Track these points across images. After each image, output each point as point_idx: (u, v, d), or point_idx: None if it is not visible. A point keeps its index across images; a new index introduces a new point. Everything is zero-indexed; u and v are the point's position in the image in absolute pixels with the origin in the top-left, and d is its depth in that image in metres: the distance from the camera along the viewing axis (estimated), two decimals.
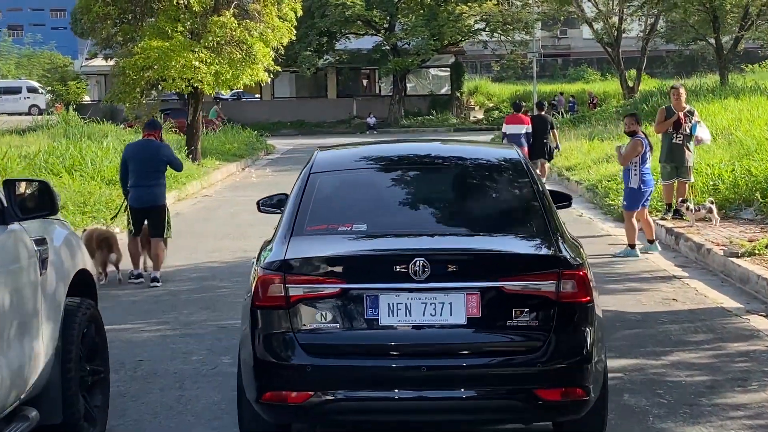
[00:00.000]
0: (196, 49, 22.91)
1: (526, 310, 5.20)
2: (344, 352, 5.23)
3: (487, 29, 51.57)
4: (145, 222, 11.92)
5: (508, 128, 20.96)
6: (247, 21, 24.22)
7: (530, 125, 20.50)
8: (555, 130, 21.70)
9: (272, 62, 25.23)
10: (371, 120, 50.65)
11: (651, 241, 12.59)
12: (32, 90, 65.52)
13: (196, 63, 22.83)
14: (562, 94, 53.07)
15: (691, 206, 13.35)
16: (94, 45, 25.49)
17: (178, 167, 12.41)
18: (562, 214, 6.36)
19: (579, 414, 5.35)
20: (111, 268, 11.77)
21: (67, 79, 55.01)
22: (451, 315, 5.18)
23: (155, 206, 11.78)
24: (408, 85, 55.14)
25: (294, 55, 50.11)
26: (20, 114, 52.14)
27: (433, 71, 57.17)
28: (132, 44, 23.83)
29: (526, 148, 20.19)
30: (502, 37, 51.71)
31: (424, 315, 5.19)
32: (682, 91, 14.71)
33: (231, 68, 23.96)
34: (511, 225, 5.79)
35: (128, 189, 11.87)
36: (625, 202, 12.45)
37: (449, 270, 5.21)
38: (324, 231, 5.61)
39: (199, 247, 13.95)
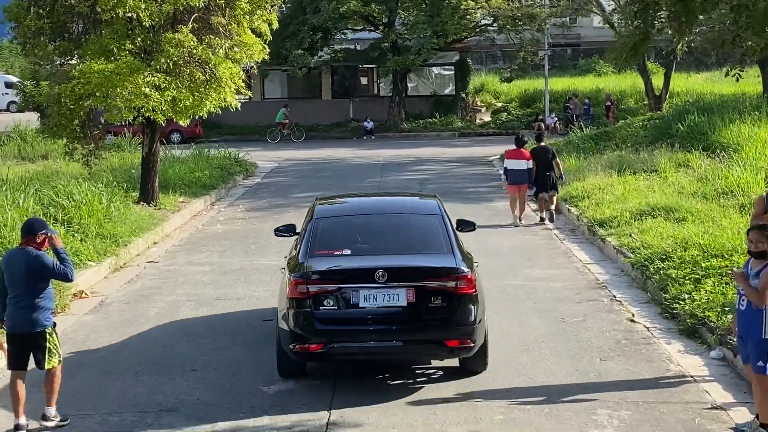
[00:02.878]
0: (147, 73, 18.75)
1: (439, 297, 9.37)
2: (340, 322, 9.37)
3: (495, 25, 47.40)
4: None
5: (509, 163, 20.07)
6: (211, 37, 20.07)
7: (531, 160, 19.78)
8: (558, 159, 20.55)
9: (243, 84, 21.09)
10: (368, 124, 46.67)
11: None
12: (10, 85, 61.41)
13: (147, 90, 18.68)
14: (576, 96, 48.82)
15: None
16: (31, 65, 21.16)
17: (65, 278, 9.13)
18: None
19: (469, 354, 9.60)
20: None
21: (40, 79, 50.76)
22: (398, 301, 9.31)
23: (31, 333, 8.97)
24: (409, 85, 51.05)
25: (285, 54, 46.21)
26: None
27: (435, 70, 52.95)
28: (70, 66, 19.65)
29: (527, 186, 19.82)
30: (512, 34, 47.53)
31: (383, 301, 9.30)
32: None
33: (191, 93, 19.83)
34: (430, 248, 9.99)
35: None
36: (760, 363, 8.20)
37: (396, 276, 9.32)
38: (326, 254, 9.78)
39: (107, 392, 9.84)
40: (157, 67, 18.94)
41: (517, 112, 51.38)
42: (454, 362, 9.99)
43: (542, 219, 19.90)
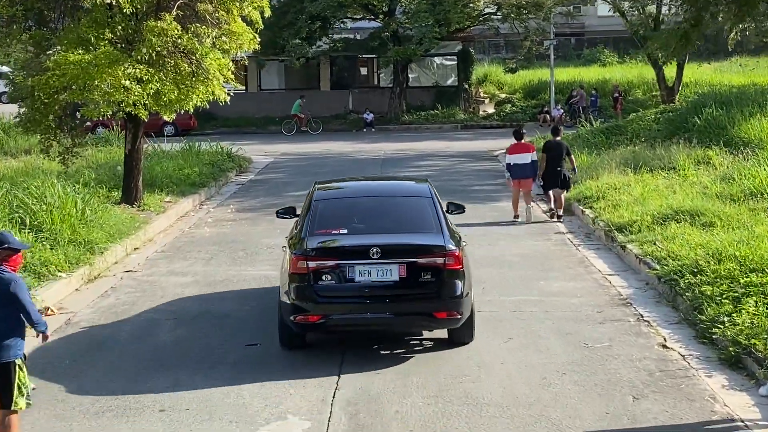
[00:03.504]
0: (127, 64, 17.31)
1: (429, 273, 9.99)
2: (337, 295, 10.03)
3: (499, 14, 45.92)
4: None
5: (512, 158, 19.11)
6: (197, 25, 18.61)
7: (543, 153, 18.99)
8: (572, 156, 19.75)
9: (232, 76, 19.65)
10: (368, 116, 45.28)
11: None
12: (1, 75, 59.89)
13: (127, 82, 17.25)
14: (582, 87, 47.31)
15: None
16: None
17: (29, 318, 7.89)
18: None
19: (456, 325, 10.27)
20: None
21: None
22: (391, 276, 9.95)
23: None
24: (410, 75, 49.74)
25: (282, 43, 44.78)
26: None
27: (437, 60, 51.53)
28: (46, 57, 18.19)
29: (531, 180, 18.99)
30: (516, 23, 46.06)
31: (377, 276, 9.94)
32: None
33: (176, 86, 18.38)
34: (421, 227, 10.64)
35: None
36: None
37: (389, 253, 9.94)
38: (325, 233, 10.41)
39: None
40: (139, 57, 17.49)
41: (521, 103, 49.89)
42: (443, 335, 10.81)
43: (559, 216, 18.87)
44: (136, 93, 17.47)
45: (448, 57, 50.79)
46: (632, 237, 15.39)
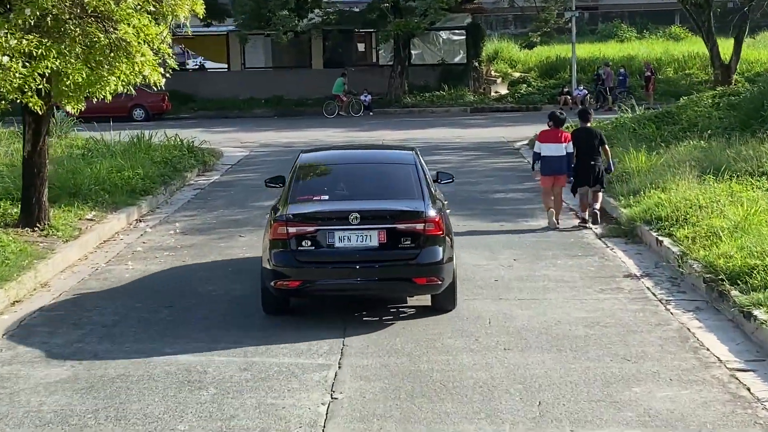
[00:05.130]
0: (2, 32, 11.88)
1: (408, 238, 10.03)
2: (317, 261, 10.06)
3: None
4: None
5: (544, 148, 15.45)
6: None
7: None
8: (606, 146, 15.70)
9: (169, 51, 14.25)
10: (365, 98, 39.95)
11: None
12: None
13: (5, 59, 11.84)
14: (608, 64, 41.80)
15: None
16: None
17: None
18: None
19: (437, 291, 10.27)
20: None
21: None
22: (370, 241, 10.00)
23: None
24: (412, 52, 44.62)
25: (267, 15, 39.38)
26: None
27: (444, 35, 46.30)
28: None
29: (564, 177, 15.41)
30: None
31: (357, 241, 9.99)
32: None
33: (85, 65, 12.97)
34: (402, 194, 10.59)
35: None
36: None
37: (369, 218, 9.99)
38: (306, 199, 10.48)
39: None
40: (21, 23, 12.03)
41: (538, 83, 44.42)
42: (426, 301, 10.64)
43: (584, 221, 15.40)
44: (18, 75, 12.02)
45: (456, 31, 45.82)
46: (758, 297, 9.97)
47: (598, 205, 15.40)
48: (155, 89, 14.66)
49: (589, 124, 15.89)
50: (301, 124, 36.47)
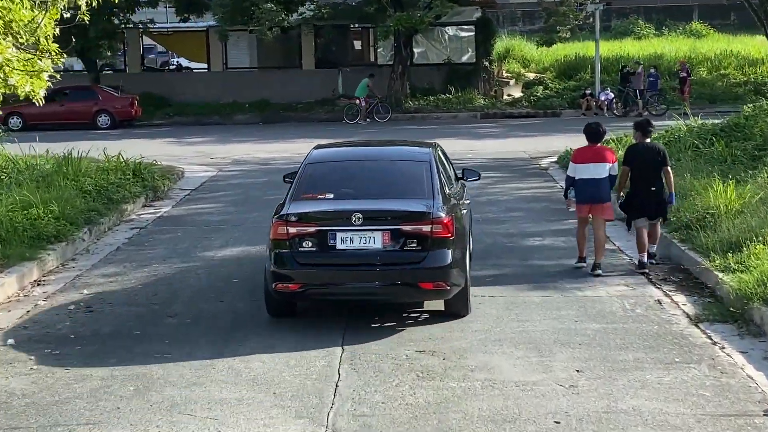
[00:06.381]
0: None
1: (415, 241, 9.49)
2: (317, 263, 9.59)
3: None
4: None
5: (582, 170, 12.03)
6: None
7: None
8: (669, 167, 12.26)
9: (54, 47, 9.58)
10: (362, 102, 35.18)
11: None
12: None
13: None
14: (639, 63, 37.06)
15: None
16: None
17: None
18: None
19: (445, 297, 9.82)
20: None
21: None
22: (374, 243, 9.51)
23: None
24: (415, 50, 40.35)
25: (251, 9, 34.82)
26: None
27: (450, 31, 41.80)
28: None
29: (609, 206, 12.02)
30: None
31: (360, 243, 9.52)
32: None
33: None
34: (411, 193, 10.03)
35: None
36: None
37: (372, 219, 9.55)
38: (310, 198, 10.00)
39: None
40: None
41: (555, 85, 39.73)
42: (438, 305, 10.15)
43: (642, 265, 11.92)
44: None
45: (464, 27, 41.44)
46: None
47: (656, 245, 12.34)
48: (39, 103, 9.90)
49: (648, 140, 12.36)
50: (288, 132, 31.84)
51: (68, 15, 9.84)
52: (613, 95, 35.52)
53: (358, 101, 35.22)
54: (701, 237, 12.11)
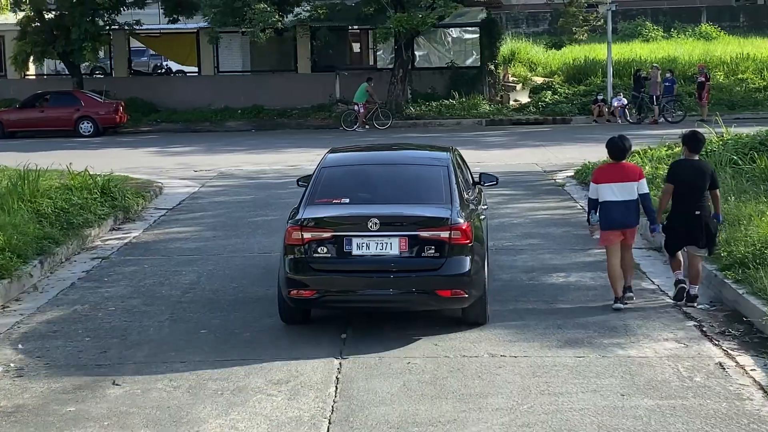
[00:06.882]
0: None
1: (432, 247, 9.30)
2: (333, 269, 9.45)
3: None
4: None
5: (605, 191, 10.60)
6: None
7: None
8: (718, 191, 10.69)
9: None
10: (360, 108, 33.26)
11: None
12: None
13: None
14: (656, 67, 35.08)
15: None
16: None
17: None
18: None
19: (463, 305, 9.59)
20: None
21: None
22: (391, 250, 9.31)
23: None
24: (417, 53, 38.45)
25: (243, 9, 32.95)
26: None
27: (454, 33, 39.93)
28: None
29: (634, 230, 10.76)
30: None
31: (376, 249, 9.32)
32: None
33: None
34: (429, 198, 9.85)
35: None
36: None
37: (389, 225, 9.34)
38: (325, 202, 9.79)
39: None
40: None
41: (564, 90, 37.77)
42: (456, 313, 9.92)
43: (690, 298, 10.54)
44: None
45: (468, 28, 39.58)
46: None
47: (697, 286, 10.62)
48: None
49: (696, 157, 10.85)
50: (282, 141, 29.95)
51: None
52: (626, 101, 33.57)
53: (356, 107, 33.33)
54: (763, 278, 10.10)
